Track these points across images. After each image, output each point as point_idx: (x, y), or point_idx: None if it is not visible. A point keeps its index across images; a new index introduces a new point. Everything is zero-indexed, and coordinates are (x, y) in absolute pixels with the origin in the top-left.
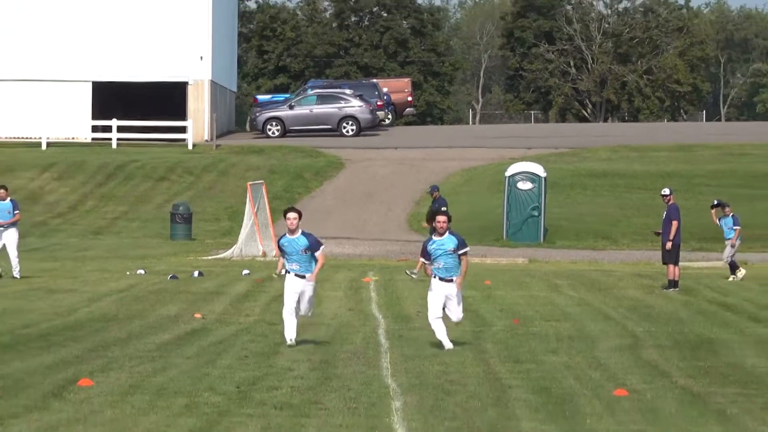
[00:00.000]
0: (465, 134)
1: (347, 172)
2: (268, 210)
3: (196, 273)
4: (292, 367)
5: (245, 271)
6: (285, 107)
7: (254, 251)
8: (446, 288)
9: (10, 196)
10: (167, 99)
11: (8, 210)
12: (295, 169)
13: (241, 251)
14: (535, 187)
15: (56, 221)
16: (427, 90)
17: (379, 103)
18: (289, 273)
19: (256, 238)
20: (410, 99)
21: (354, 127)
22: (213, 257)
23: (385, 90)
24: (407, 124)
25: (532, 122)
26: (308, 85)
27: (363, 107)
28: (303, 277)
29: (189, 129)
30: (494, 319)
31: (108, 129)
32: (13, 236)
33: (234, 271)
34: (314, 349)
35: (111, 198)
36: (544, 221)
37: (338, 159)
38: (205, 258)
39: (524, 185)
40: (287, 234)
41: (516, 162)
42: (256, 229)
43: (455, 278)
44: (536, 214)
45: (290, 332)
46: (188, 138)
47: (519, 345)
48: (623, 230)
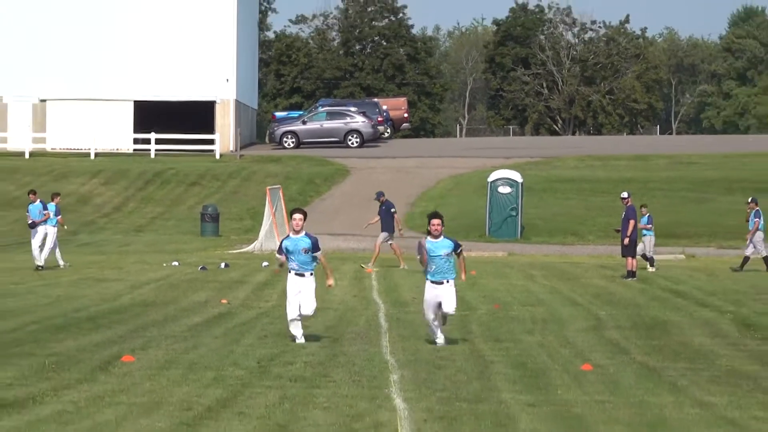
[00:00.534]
0: (453, 146)
1: (352, 179)
2: (284, 211)
3: (223, 264)
4: (305, 345)
5: (264, 263)
6: (299, 123)
7: (272, 246)
8: (438, 289)
9: (51, 200)
10: (198, 115)
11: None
12: (308, 176)
13: (261, 246)
14: (514, 191)
15: (103, 220)
16: (421, 108)
17: (380, 119)
18: (290, 272)
19: (274, 235)
20: (406, 115)
21: (358, 140)
22: (237, 251)
23: (385, 108)
24: (404, 137)
25: (511, 135)
26: (319, 104)
27: (366, 123)
28: (302, 276)
29: (216, 141)
30: (478, 304)
31: (147, 141)
32: (50, 232)
33: (255, 263)
34: (324, 330)
35: (150, 200)
36: (521, 220)
37: (345, 167)
38: (231, 252)
39: (504, 189)
40: (291, 234)
41: (497, 169)
42: (274, 227)
43: (445, 281)
44: (514, 214)
45: (296, 331)
46: (216, 149)
47: (499, 326)
48: (589, 228)
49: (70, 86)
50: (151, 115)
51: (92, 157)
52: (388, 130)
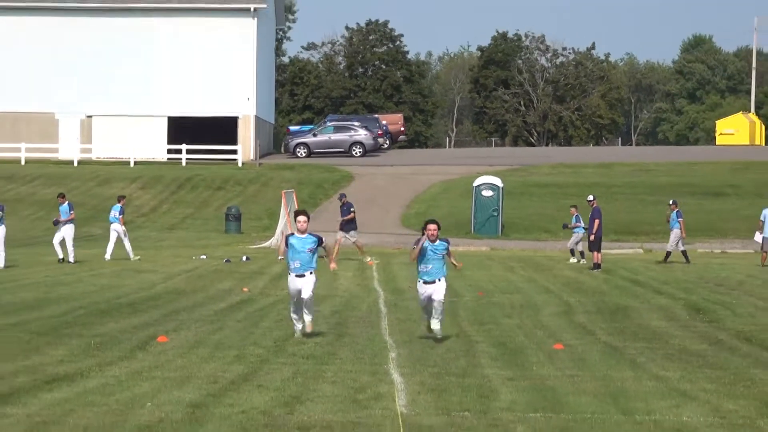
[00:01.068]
0: (443, 155)
1: (356, 183)
2: None
3: (244, 258)
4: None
5: (280, 257)
6: (310, 135)
7: None
8: (429, 288)
9: (118, 201)
10: (222, 129)
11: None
12: (318, 181)
13: (277, 242)
14: (495, 194)
15: (141, 220)
16: (415, 122)
17: (380, 132)
18: (290, 274)
19: (289, 232)
20: (402, 129)
21: (361, 150)
22: (257, 246)
23: (384, 122)
24: (400, 148)
25: (493, 146)
26: (327, 119)
27: (368, 135)
28: (302, 276)
29: (239, 151)
30: (464, 292)
31: (179, 151)
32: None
33: (272, 257)
34: (331, 315)
35: (181, 203)
36: (502, 219)
37: (349, 173)
38: (251, 247)
39: (487, 193)
40: (296, 233)
41: (481, 176)
42: (289, 226)
43: (437, 280)
44: (496, 214)
45: (296, 327)
46: (238, 158)
47: (483, 311)
48: (560, 226)
49: (113, 104)
50: (183, 129)
51: (131, 165)
52: (387, 142)
